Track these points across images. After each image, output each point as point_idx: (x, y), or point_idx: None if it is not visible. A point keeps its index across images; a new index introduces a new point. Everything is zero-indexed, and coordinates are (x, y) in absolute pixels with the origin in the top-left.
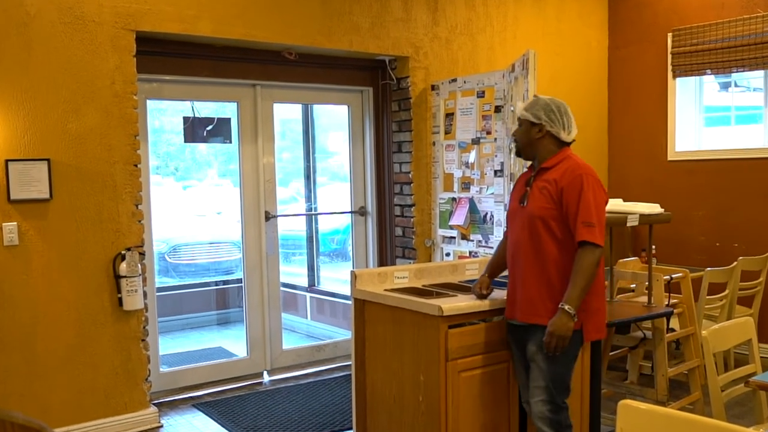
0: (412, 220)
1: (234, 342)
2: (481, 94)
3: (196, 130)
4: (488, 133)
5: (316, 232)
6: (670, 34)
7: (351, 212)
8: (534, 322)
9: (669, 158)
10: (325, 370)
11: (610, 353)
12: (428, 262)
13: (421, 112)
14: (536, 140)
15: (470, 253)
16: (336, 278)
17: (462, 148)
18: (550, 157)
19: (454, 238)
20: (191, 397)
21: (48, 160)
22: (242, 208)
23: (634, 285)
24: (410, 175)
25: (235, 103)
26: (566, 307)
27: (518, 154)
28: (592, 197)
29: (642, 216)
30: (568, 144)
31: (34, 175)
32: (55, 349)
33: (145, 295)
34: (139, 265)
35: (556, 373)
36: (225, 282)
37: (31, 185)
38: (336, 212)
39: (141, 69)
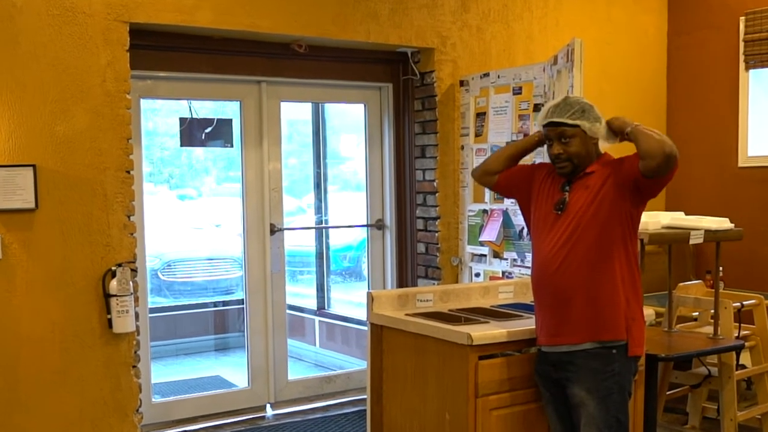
0: (436, 235)
1: (234, 371)
2: (517, 91)
3: (193, 132)
4: (525, 135)
5: (327, 247)
6: (742, 18)
7: (367, 226)
8: (598, 340)
9: (740, 164)
10: (336, 404)
11: (668, 392)
12: (455, 284)
13: (448, 112)
14: (593, 146)
15: (504, 273)
16: (349, 300)
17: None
18: (596, 161)
19: (485, 256)
20: (185, 431)
21: (33, 166)
22: (244, 221)
23: (697, 313)
24: (435, 184)
25: (238, 102)
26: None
27: (569, 175)
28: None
29: (708, 232)
30: None
31: (19, 182)
32: (38, 375)
33: (136, 316)
34: (130, 282)
35: (609, 418)
36: (224, 303)
37: (15, 194)
38: (350, 225)
39: (134, 65)
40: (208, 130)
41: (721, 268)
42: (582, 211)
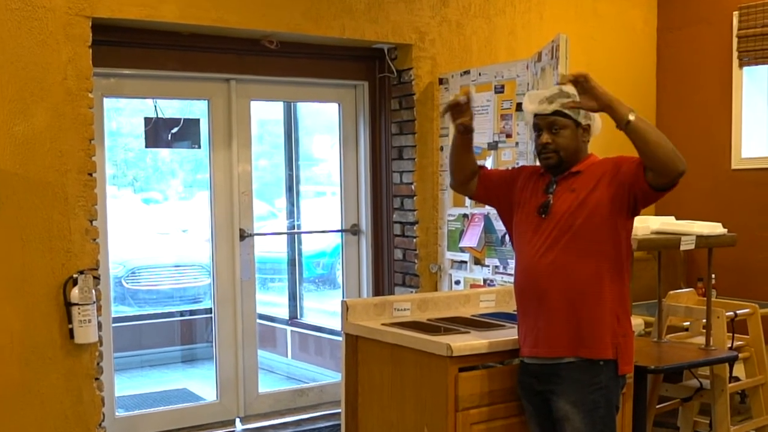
0: (414, 240)
1: (201, 383)
2: (499, 89)
3: (159, 133)
4: (508, 136)
5: (300, 254)
6: (736, 13)
7: (341, 231)
8: (581, 356)
9: (733, 166)
10: (309, 418)
11: (657, 406)
12: (434, 292)
13: (427, 111)
14: (583, 144)
15: (485, 281)
16: (323, 309)
17: (476, 154)
18: (583, 160)
19: (466, 262)
20: None
21: None
22: (212, 226)
23: (688, 323)
24: (413, 187)
25: (206, 101)
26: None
27: (553, 168)
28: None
29: (699, 238)
30: None
31: None
32: None
33: (99, 326)
34: (93, 291)
35: None
36: (191, 312)
37: None
38: (323, 231)
39: (97, 62)
40: (175, 130)
41: (713, 276)
42: (567, 215)
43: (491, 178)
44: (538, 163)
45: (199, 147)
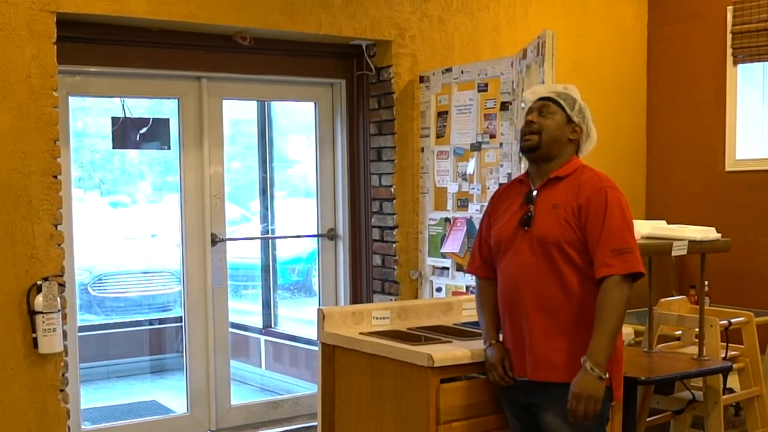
0: (394, 246)
1: (171, 395)
2: (483, 88)
3: (126, 133)
4: (492, 136)
5: (274, 260)
6: (730, 8)
7: (317, 236)
8: (555, 380)
9: (727, 168)
10: None
11: (648, 419)
12: (415, 300)
13: (407, 111)
14: (566, 142)
15: (468, 288)
16: (298, 318)
17: (458, 155)
18: (564, 164)
19: (448, 269)
20: None
21: None
22: (183, 230)
23: (680, 332)
24: (392, 190)
25: (176, 100)
26: (592, 362)
27: (530, 150)
28: (621, 216)
29: (692, 243)
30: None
31: None
32: None
33: (64, 335)
34: (58, 298)
35: None
36: (161, 321)
37: None
38: (298, 236)
39: (62, 59)
40: (143, 130)
41: (706, 283)
42: (549, 232)
43: (487, 257)
44: (521, 165)
45: (169, 148)
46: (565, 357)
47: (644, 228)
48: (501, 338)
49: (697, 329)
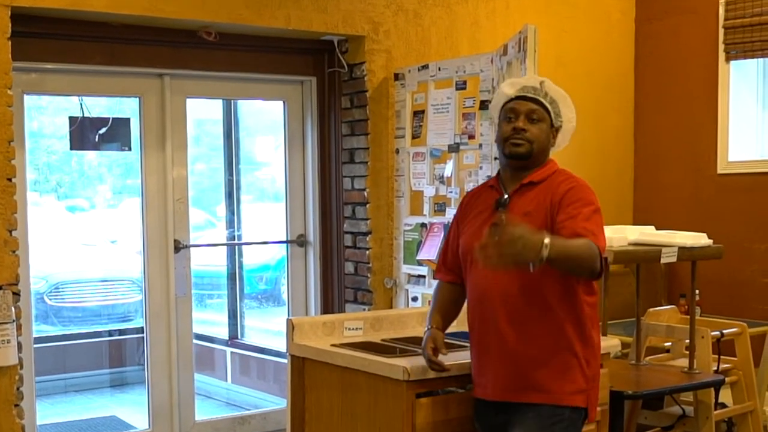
0: (367, 252)
1: (132, 410)
2: (461, 86)
3: (85, 133)
4: (471, 137)
5: (241, 267)
6: (722, 2)
7: (286, 242)
8: (527, 400)
9: (719, 170)
10: None
11: None
12: (389, 309)
13: (381, 110)
14: (548, 148)
15: None
16: (266, 329)
17: (435, 157)
18: (539, 168)
19: (424, 277)
20: None
21: None
22: (144, 236)
23: (669, 343)
24: (365, 194)
25: (137, 99)
26: (550, 240)
27: (520, 157)
28: (594, 211)
29: (682, 250)
30: None
31: None
32: None
33: (19, 347)
34: (12, 308)
35: None
36: (121, 332)
37: None
38: (266, 242)
39: (17, 56)
40: (103, 131)
41: (697, 292)
42: None
43: (452, 266)
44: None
45: (130, 149)
46: (538, 376)
47: (632, 234)
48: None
49: (687, 341)
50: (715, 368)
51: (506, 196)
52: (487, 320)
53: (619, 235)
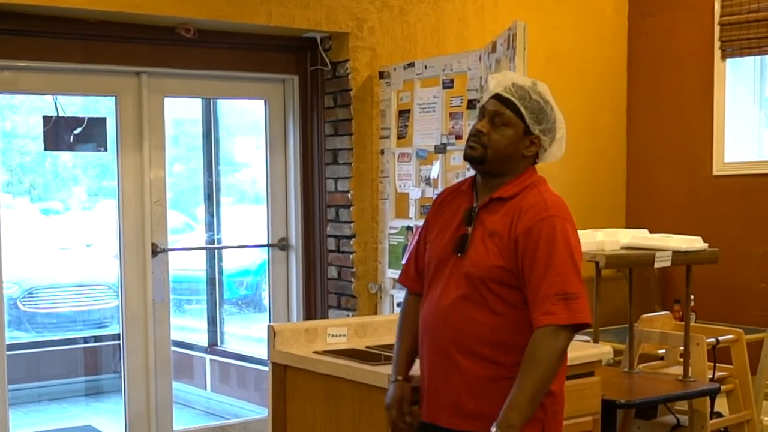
0: (351, 257)
1: (108, 419)
2: (448, 84)
3: (59, 134)
4: (458, 137)
5: (220, 272)
6: None
7: (267, 246)
8: (474, 429)
9: (715, 172)
10: None
11: None
12: (374, 315)
13: (365, 109)
14: (519, 158)
15: None
16: (247, 335)
17: (421, 158)
18: (512, 180)
19: None
20: None
21: None
22: (120, 240)
23: (663, 351)
24: (349, 196)
25: (113, 98)
26: (505, 426)
27: (473, 161)
28: (568, 253)
29: (677, 254)
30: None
31: None
32: None
33: None
34: None
35: None
36: (97, 338)
37: None
38: (247, 245)
39: None
40: (78, 131)
41: (692, 297)
42: (479, 267)
43: (422, 269)
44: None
45: (106, 150)
46: (489, 405)
47: (624, 237)
48: (413, 373)
49: (682, 348)
50: (711, 376)
51: (475, 208)
52: (441, 343)
53: (612, 239)
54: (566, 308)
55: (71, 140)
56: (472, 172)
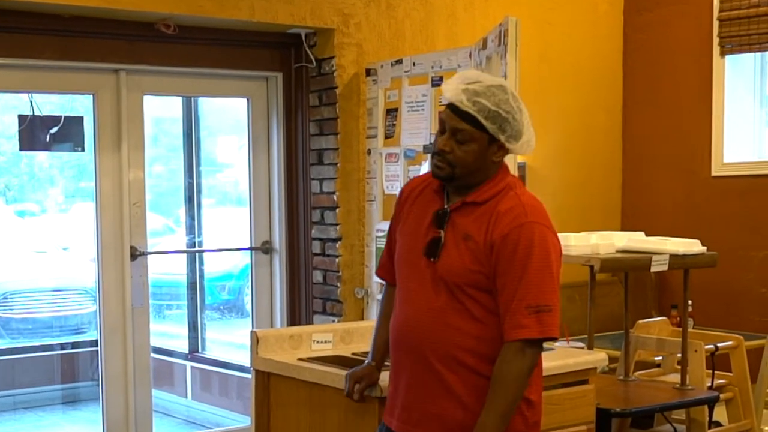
0: (337, 260)
1: (85, 428)
2: (437, 82)
3: (35, 133)
4: None
5: (202, 276)
6: None
7: (250, 249)
8: None
9: (714, 173)
10: None
11: None
12: (360, 321)
13: (352, 108)
14: (489, 164)
15: None
16: (229, 342)
17: (410, 158)
18: (485, 184)
19: None
20: None
21: None
22: (98, 243)
23: (660, 358)
24: (335, 197)
25: (91, 96)
26: None
27: (443, 180)
28: (545, 263)
29: (674, 257)
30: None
31: None
32: None
33: None
34: None
35: None
36: (74, 345)
37: None
38: (229, 249)
39: None
40: (54, 130)
41: (690, 302)
42: (453, 273)
43: (388, 266)
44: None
45: (83, 150)
46: (475, 417)
47: (619, 240)
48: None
49: (679, 354)
50: (709, 384)
51: (447, 209)
52: (414, 351)
53: (607, 242)
54: (537, 321)
55: (47, 140)
56: None
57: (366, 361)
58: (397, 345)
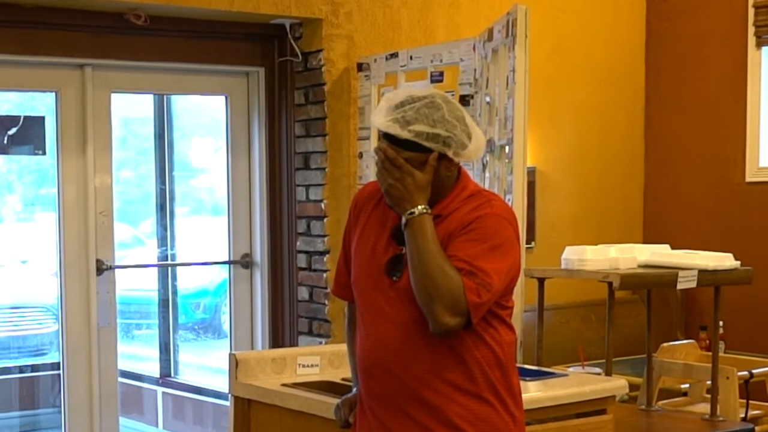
0: (325, 275)
1: None
2: (437, 77)
3: None
4: None
5: (175, 292)
6: None
7: (228, 263)
8: None
9: (748, 179)
10: None
11: None
12: None
13: (341, 107)
14: (444, 179)
15: None
16: (204, 365)
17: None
18: (446, 197)
19: None
20: None
21: None
22: (61, 256)
23: (687, 385)
24: (323, 206)
25: (53, 94)
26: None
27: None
28: (489, 249)
29: (703, 273)
30: None
31: None
32: None
33: None
34: None
35: None
36: (33, 368)
37: None
38: (205, 263)
39: None
40: (12, 131)
41: (721, 323)
42: None
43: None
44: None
45: (44, 153)
46: None
47: (642, 254)
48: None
49: (708, 382)
50: (743, 415)
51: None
52: (395, 383)
53: (627, 256)
54: (473, 280)
55: (5, 142)
56: None
57: (354, 390)
58: (369, 375)
